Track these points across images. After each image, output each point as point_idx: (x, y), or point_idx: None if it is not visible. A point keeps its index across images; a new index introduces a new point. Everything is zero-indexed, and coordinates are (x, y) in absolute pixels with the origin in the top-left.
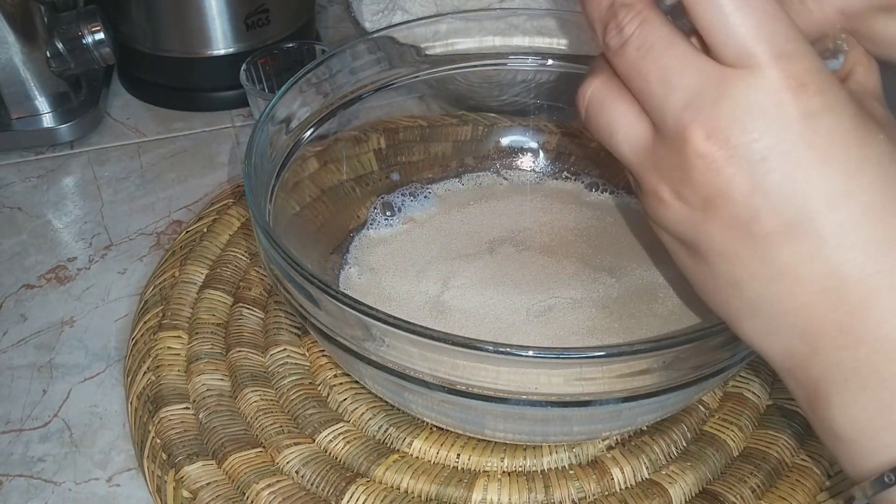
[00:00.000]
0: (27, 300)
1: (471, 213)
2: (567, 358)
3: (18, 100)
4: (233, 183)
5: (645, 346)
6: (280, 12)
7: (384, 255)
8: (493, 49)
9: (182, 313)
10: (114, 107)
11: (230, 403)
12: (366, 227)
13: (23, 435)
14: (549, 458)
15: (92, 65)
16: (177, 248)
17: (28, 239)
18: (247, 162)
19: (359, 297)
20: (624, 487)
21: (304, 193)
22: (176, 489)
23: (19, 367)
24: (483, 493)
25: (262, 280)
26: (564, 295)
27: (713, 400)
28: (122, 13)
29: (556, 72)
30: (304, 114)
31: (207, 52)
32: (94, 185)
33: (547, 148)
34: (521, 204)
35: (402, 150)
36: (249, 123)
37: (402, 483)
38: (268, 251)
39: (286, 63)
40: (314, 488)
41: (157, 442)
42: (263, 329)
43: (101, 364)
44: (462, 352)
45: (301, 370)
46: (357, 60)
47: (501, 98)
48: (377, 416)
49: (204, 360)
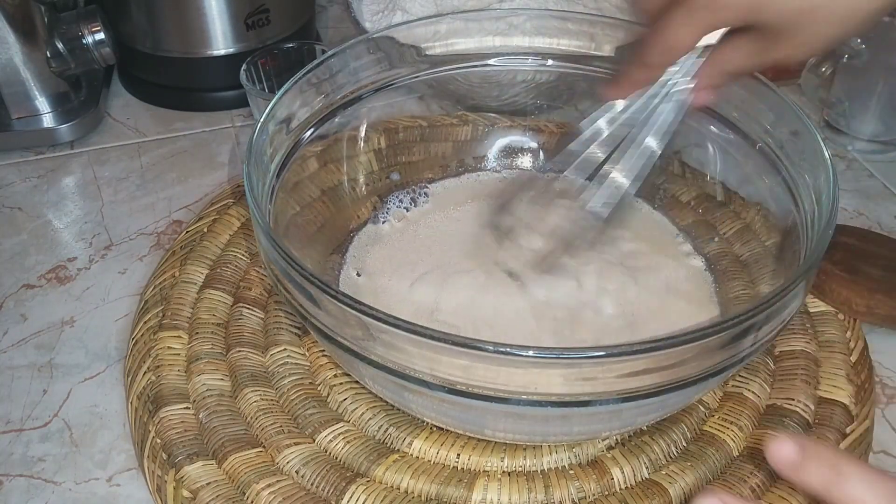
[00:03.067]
0: (27, 300)
1: (469, 213)
2: (567, 358)
3: (19, 100)
4: (233, 183)
5: (645, 346)
6: (280, 12)
7: (383, 255)
8: (493, 49)
9: (182, 313)
10: (114, 107)
11: (230, 403)
12: (365, 227)
13: (23, 435)
14: (549, 458)
15: (92, 65)
16: (177, 248)
17: (28, 239)
18: (247, 162)
19: (358, 298)
20: (624, 487)
21: (304, 193)
22: (176, 489)
23: (19, 367)
24: (483, 493)
25: (262, 280)
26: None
27: (713, 400)
28: (122, 13)
29: (555, 72)
30: (304, 114)
31: (207, 52)
32: (94, 185)
33: (547, 148)
34: (519, 204)
35: (402, 150)
36: (249, 123)
37: (402, 483)
38: (268, 251)
39: (286, 63)
40: (314, 488)
41: (158, 442)
42: (263, 329)
43: (101, 364)
44: (462, 352)
45: (301, 370)
46: (357, 60)
47: (501, 98)
48: (377, 416)
49: (204, 360)
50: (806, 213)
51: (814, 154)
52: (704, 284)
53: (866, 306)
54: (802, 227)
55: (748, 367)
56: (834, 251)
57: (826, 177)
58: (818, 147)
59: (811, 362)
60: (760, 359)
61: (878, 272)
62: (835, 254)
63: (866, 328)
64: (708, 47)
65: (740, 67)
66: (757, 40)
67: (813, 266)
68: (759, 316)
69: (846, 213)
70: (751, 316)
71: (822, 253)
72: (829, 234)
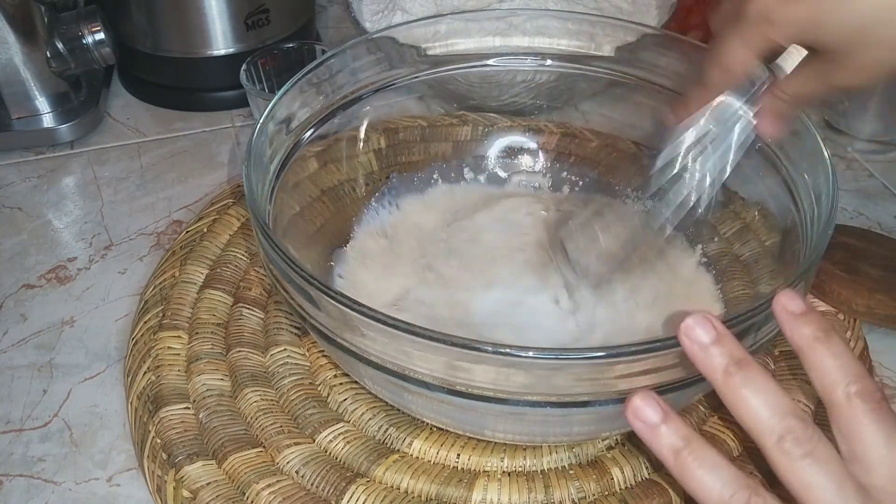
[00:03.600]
0: (27, 300)
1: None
2: (566, 358)
3: (18, 100)
4: (233, 183)
5: (644, 346)
6: (280, 12)
7: (382, 255)
8: (492, 49)
9: (182, 313)
10: (114, 107)
11: (230, 403)
12: (364, 227)
13: (23, 435)
14: (549, 458)
15: (92, 65)
16: (177, 248)
17: (28, 239)
18: (247, 162)
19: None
20: (624, 487)
21: (304, 193)
22: (176, 489)
23: (19, 367)
24: (483, 493)
25: (261, 280)
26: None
27: (713, 400)
28: (122, 13)
29: (555, 72)
30: (305, 114)
31: (207, 52)
32: (94, 185)
33: (546, 148)
34: (518, 204)
35: (402, 150)
36: (249, 123)
37: (402, 483)
38: (267, 252)
39: (286, 63)
40: (314, 488)
41: (158, 442)
42: (263, 329)
43: (101, 364)
44: (462, 352)
45: (301, 370)
46: (357, 61)
47: (501, 98)
48: (377, 416)
49: (204, 360)
50: (805, 212)
51: (813, 154)
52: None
53: (866, 306)
54: (802, 226)
55: None
56: (834, 251)
57: (825, 176)
58: (818, 147)
59: None
60: (760, 359)
61: (878, 272)
62: (835, 254)
63: (866, 328)
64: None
65: (802, 94)
66: (816, 64)
67: (812, 265)
68: (758, 316)
69: (846, 213)
70: (750, 316)
71: (821, 252)
72: (828, 233)
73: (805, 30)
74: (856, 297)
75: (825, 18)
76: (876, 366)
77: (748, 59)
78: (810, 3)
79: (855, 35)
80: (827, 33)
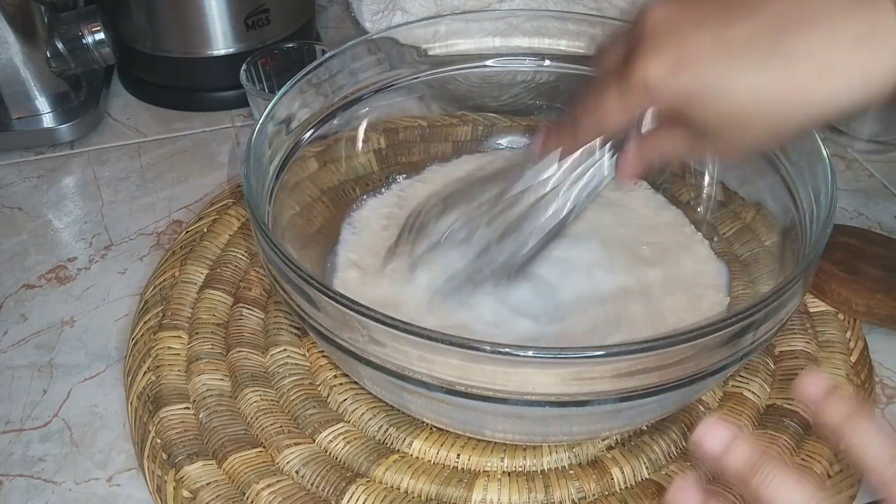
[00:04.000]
0: (27, 300)
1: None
2: (565, 358)
3: (18, 100)
4: (233, 183)
5: (644, 345)
6: (280, 12)
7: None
8: (492, 49)
9: (182, 313)
10: (114, 107)
11: (230, 403)
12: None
13: (23, 435)
14: (549, 458)
15: (92, 65)
16: (177, 248)
17: (28, 239)
18: (246, 162)
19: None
20: (624, 487)
21: (304, 193)
22: (176, 489)
23: (19, 367)
24: (483, 493)
25: (261, 280)
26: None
27: (713, 400)
28: (122, 13)
29: (555, 72)
30: (304, 114)
31: (207, 52)
32: (94, 185)
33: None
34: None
35: (402, 150)
36: (249, 123)
37: (402, 483)
38: (266, 252)
39: (286, 63)
40: (314, 488)
41: (158, 442)
42: (263, 329)
43: (101, 364)
44: (461, 352)
45: (301, 370)
46: (357, 61)
47: (501, 98)
48: (377, 416)
49: (204, 360)
50: (805, 212)
51: (812, 153)
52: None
53: (866, 306)
54: (801, 226)
55: (748, 367)
56: (834, 251)
57: (824, 176)
58: (816, 146)
59: (811, 362)
60: (760, 359)
61: (878, 272)
62: (835, 254)
63: (866, 328)
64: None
65: (667, 154)
66: (686, 133)
67: (811, 264)
68: (757, 314)
69: (846, 213)
70: (749, 314)
71: (820, 251)
72: (827, 232)
73: (684, 105)
74: (856, 297)
75: (706, 100)
76: (876, 366)
77: (623, 119)
78: (693, 84)
79: (731, 120)
80: (705, 113)
